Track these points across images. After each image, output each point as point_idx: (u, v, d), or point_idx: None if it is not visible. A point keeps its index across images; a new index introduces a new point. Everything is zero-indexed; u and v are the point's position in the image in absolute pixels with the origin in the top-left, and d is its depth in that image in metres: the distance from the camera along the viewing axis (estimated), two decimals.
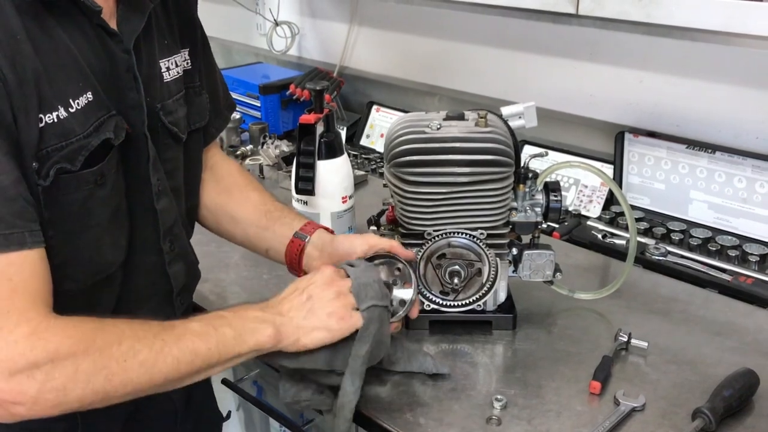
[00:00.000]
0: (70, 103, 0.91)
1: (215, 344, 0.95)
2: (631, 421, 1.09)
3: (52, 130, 0.89)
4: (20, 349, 0.82)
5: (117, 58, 0.99)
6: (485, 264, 1.25)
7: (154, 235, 1.09)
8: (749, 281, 1.43)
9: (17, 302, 0.84)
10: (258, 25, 2.59)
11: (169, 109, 1.10)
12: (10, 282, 0.84)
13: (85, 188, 0.94)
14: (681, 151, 1.65)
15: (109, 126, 0.95)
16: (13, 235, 0.84)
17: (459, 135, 1.23)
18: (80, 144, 0.92)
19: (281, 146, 2.08)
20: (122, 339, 0.89)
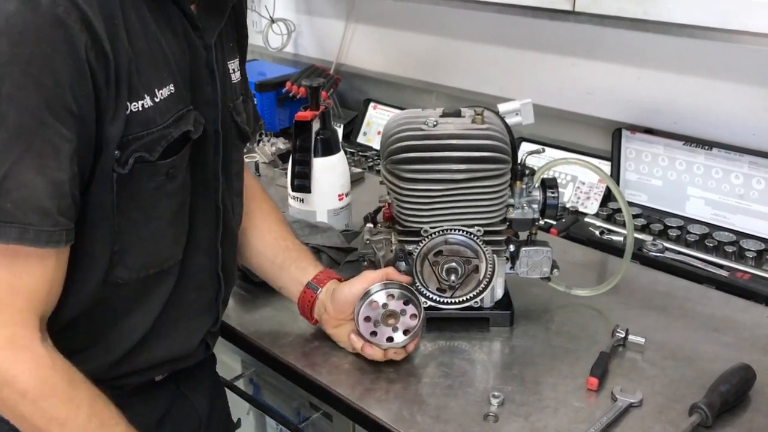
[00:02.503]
0: (155, 92, 0.90)
1: None
2: (628, 416, 1.09)
3: (137, 119, 0.89)
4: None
5: (198, 53, 0.98)
6: (482, 261, 1.24)
7: (213, 235, 1.08)
8: (746, 277, 1.43)
9: (17, 303, 0.84)
10: (254, 22, 2.58)
11: (238, 109, 1.11)
12: (21, 280, 0.84)
13: (157, 179, 0.94)
14: (678, 148, 1.64)
15: (188, 119, 0.96)
16: (55, 233, 0.83)
17: (455, 132, 1.23)
18: (161, 134, 0.92)
19: (277, 144, 2.07)
20: (67, 419, 0.86)
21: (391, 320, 1.17)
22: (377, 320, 1.17)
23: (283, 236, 1.28)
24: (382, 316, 1.17)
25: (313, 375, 1.20)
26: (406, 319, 1.16)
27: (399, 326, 1.16)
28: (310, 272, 1.24)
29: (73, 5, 0.80)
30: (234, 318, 1.36)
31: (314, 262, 1.27)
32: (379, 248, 1.31)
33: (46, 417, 0.85)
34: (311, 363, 1.22)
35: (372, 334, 1.16)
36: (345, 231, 1.57)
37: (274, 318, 1.34)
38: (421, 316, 1.16)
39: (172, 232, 1.00)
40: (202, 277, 1.09)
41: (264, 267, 1.28)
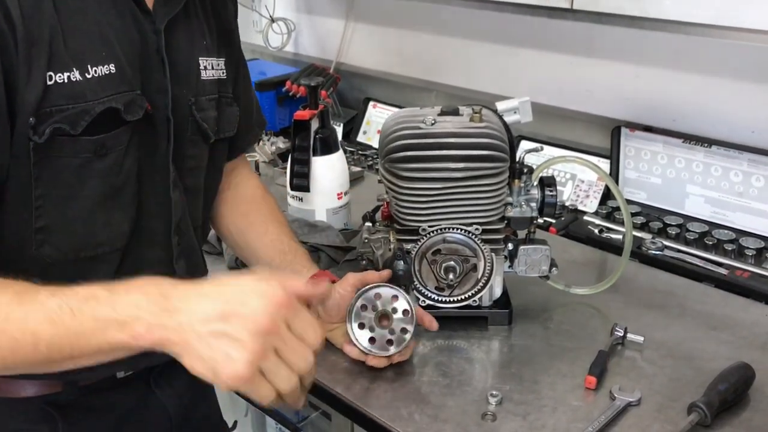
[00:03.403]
0: (87, 68, 0.89)
1: (65, 331, 0.78)
2: (626, 415, 1.09)
3: (61, 90, 0.87)
4: None
5: (147, 38, 0.98)
6: (480, 259, 1.24)
7: (165, 227, 1.06)
8: (746, 275, 1.43)
9: None
10: (254, 21, 2.58)
11: (202, 105, 1.09)
12: None
13: (82, 156, 0.91)
14: (677, 146, 1.64)
15: (120, 99, 0.93)
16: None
17: (453, 130, 1.23)
18: (83, 108, 0.90)
19: (277, 143, 2.08)
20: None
21: (385, 322, 1.16)
22: (372, 325, 1.16)
23: (280, 238, 1.27)
24: (374, 319, 1.16)
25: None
26: (399, 316, 1.16)
27: (394, 326, 1.16)
28: (303, 276, 1.23)
29: None
30: None
31: (308, 264, 1.26)
32: (377, 247, 1.31)
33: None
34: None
35: (371, 340, 1.16)
36: (344, 230, 1.57)
37: None
38: (411, 308, 1.15)
39: (104, 215, 0.96)
40: (156, 270, 1.01)
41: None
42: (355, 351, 1.16)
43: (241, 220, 1.27)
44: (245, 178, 1.32)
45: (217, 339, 0.77)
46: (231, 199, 1.28)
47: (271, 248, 1.26)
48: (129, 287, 0.80)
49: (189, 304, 0.79)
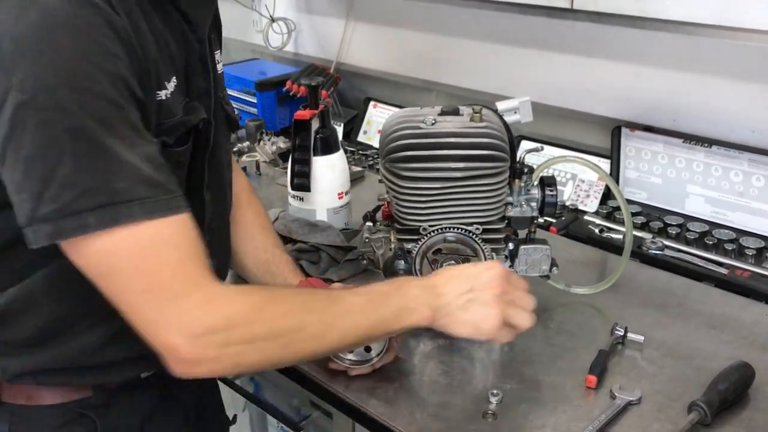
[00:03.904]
0: (166, 85, 0.93)
1: (377, 320, 0.99)
2: (627, 414, 1.09)
3: (163, 107, 0.91)
4: (197, 314, 0.86)
5: (192, 47, 1.00)
6: (481, 259, 1.24)
7: (199, 227, 1.08)
8: (746, 275, 1.43)
9: (188, 269, 0.86)
10: (254, 21, 2.58)
11: (227, 99, 1.14)
12: (178, 249, 0.86)
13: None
14: (677, 146, 1.64)
15: (197, 110, 0.98)
16: (173, 199, 0.85)
17: (453, 130, 1.23)
18: (180, 121, 0.94)
19: (278, 143, 2.08)
20: (293, 311, 0.94)
21: None
22: None
23: (263, 246, 1.28)
24: None
25: (313, 373, 1.20)
26: None
27: None
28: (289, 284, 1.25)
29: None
30: None
31: (290, 276, 1.27)
32: (378, 247, 1.31)
33: (278, 325, 0.92)
34: (311, 361, 1.22)
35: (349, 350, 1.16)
36: (344, 229, 1.57)
37: None
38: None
39: None
40: None
41: (247, 276, 1.30)
42: (337, 365, 1.17)
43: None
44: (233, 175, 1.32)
45: (472, 305, 1.02)
46: None
47: (255, 258, 1.28)
48: (402, 284, 1.04)
49: (447, 288, 1.03)
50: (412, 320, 1.01)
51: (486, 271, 1.05)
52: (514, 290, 1.05)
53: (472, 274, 1.05)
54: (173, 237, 0.85)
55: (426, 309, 1.01)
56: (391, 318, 1.00)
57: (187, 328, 0.85)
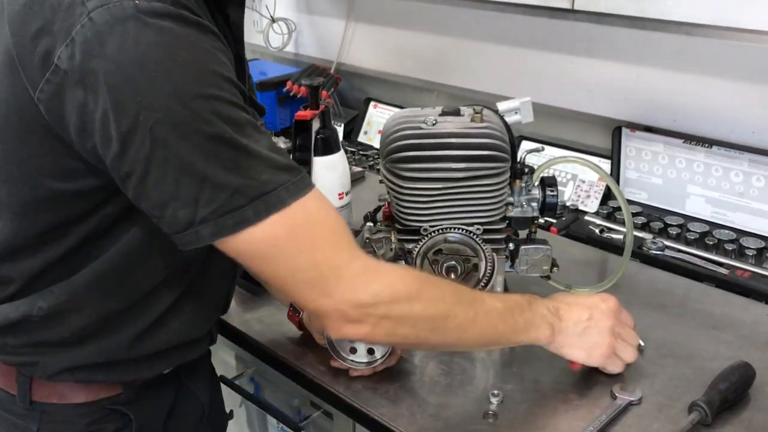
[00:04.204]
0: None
1: (509, 328, 1.04)
2: (628, 415, 1.09)
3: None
4: (362, 283, 0.92)
5: (232, 47, 1.02)
6: (482, 259, 1.25)
7: None
8: (746, 275, 1.43)
9: (341, 240, 0.91)
10: (254, 21, 2.58)
11: (253, 89, 1.17)
12: (326, 222, 0.91)
13: None
14: (678, 146, 1.65)
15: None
16: (305, 177, 0.89)
17: (454, 130, 1.23)
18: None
19: (278, 143, 2.07)
20: (446, 297, 0.99)
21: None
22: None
23: None
24: None
25: (314, 373, 1.20)
26: None
27: None
28: None
29: (198, 16, 0.85)
30: (235, 317, 1.36)
31: None
32: (378, 247, 1.31)
33: (432, 307, 0.97)
34: (312, 361, 1.22)
35: (351, 350, 1.16)
36: None
37: (275, 316, 1.35)
38: None
39: None
40: (222, 275, 1.12)
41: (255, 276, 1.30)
42: (340, 363, 1.17)
43: None
44: None
45: (587, 334, 1.11)
46: None
47: None
48: (532, 300, 1.08)
49: (568, 313, 1.10)
50: (535, 336, 1.07)
51: (603, 303, 1.12)
52: (624, 325, 1.14)
53: (591, 304, 1.12)
54: (320, 211, 0.90)
55: (548, 329, 1.08)
56: (520, 329, 1.05)
57: (353, 295, 0.91)
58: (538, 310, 1.08)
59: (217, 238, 0.86)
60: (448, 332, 0.99)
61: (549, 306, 1.10)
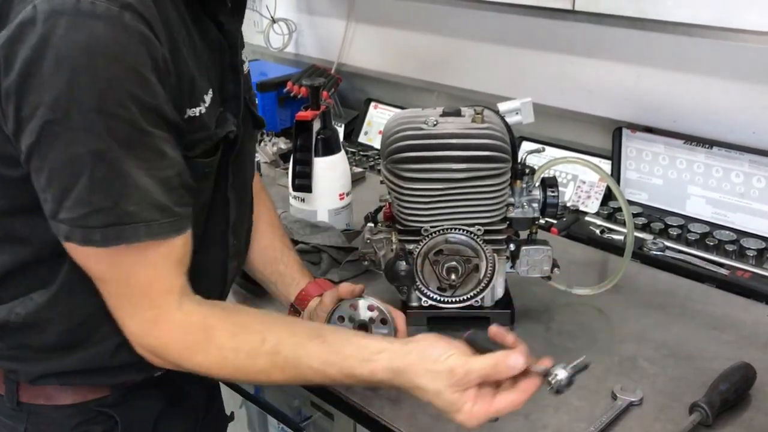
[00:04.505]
0: (204, 98, 0.95)
1: (324, 381, 0.97)
2: (628, 415, 1.09)
3: (190, 123, 0.93)
4: (144, 330, 0.94)
5: (224, 54, 1.02)
6: (482, 260, 1.25)
7: (223, 228, 1.10)
8: (747, 276, 1.43)
9: (153, 289, 0.93)
10: (255, 22, 2.58)
11: (252, 99, 1.16)
12: (155, 269, 0.92)
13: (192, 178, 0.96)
14: (678, 147, 1.65)
15: (228, 120, 1.00)
16: (175, 222, 0.90)
17: (455, 131, 1.23)
18: (206, 134, 0.96)
19: (278, 143, 2.08)
20: (225, 365, 0.96)
21: (363, 332, 1.16)
22: None
23: (272, 245, 1.28)
24: (353, 329, 1.16)
25: None
26: (377, 325, 1.16)
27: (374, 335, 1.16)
28: (293, 290, 1.24)
29: (147, 24, 0.84)
30: None
31: (298, 276, 1.26)
32: (379, 247, 1.31)
33: (204, 369, 0.96)
34: None
35: None
36: (346, 230, 1.57)
37: None
38: (389, 316, 1.14)
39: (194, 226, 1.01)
40: (215, 270, 1.11)
41: (255, 276, 1.30)
42: None
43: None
44: None
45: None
46: None
47: (264, 256, 1.28)
48: (372, 360, 0.95)
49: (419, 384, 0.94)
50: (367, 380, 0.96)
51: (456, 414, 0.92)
52: (481, 398, 0.93)
53: (448, 401, 0.92)
54: (159, 258, 0.91)
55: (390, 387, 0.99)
56: (347, 382, 1.00)
57: (136, 336, 0.95)
58: (376, 376, 0.94)
59: (66, 241, 0.88)
60: (247, 377, 0.98)
61: (396, 371, 0.93)
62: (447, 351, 0.92)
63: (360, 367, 0.94)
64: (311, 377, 0.96)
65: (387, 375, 0.93)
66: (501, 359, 0.91)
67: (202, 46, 0.97)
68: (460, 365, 0.91)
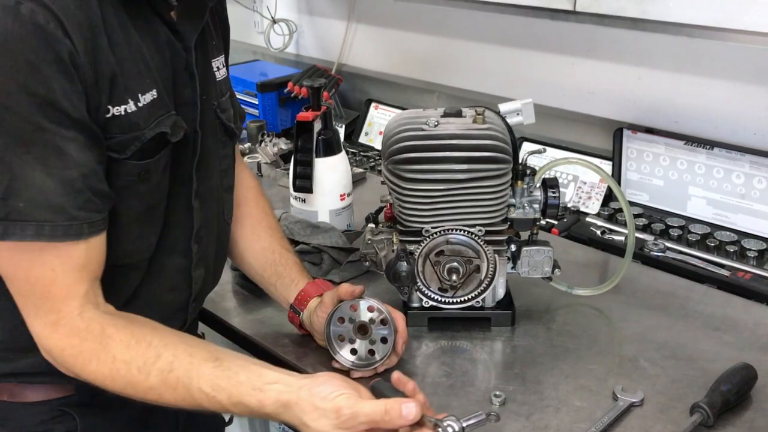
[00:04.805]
0: (138, 97, 0.93)
1: (214, 407, 0.94)
2: (629, 416, 1.09)
3: (117, 122, 0.91)
4: (45, 333, 0.92)
5: (179, 57, 1.00)
6: (483, 260, 1.25)
7: (186, 234, 1.08)
8: (747, 276, 1.43)
9: (53, 292, 0.91)
10: (255, 22, 2.59)
11: (223, 106, 1.13)
12: (53, 272, 0.90)
13: (126, 179, 0.95)
14: (679, 147, 1.65)
15: (166, 123, 0.97)
16: (71, 226, 0.88)
17: (456, 132, 1.23)
18: (135, 135, 0.94)
19: (279, 144, 2.08)
20: (117, 377, 0.93)
21: (364, 332, 1.16)
22: (351, 337, 1.16)
23: (271, 247, 1.27)
24: (353, 331, 1.16)
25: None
26: (378, 326, 1.16)
27: (374, 336, 1.16)
28: (292, 291, 1.24)
29: (51, 14, 0.82)
30: (235, 318, 1.36)
31: (297, 277, 1.25)
32: (380, 248, 1.31)
33: (98, 379, 0.94)
34: (313, 363, 1.22)
35: (352, 352, 1.17)
36: (347, 231, 1.57)
37: (275, 318, 1.35)
38: (389, 316, 1.15)
39: (138, 230, 1.00)
40: (178, 278, 1.10)
41: (255, 278, 1.30)
42: (341, 365, 1.17)
43: (234, 228, 1.27)
44: (240, 176, 1.31)
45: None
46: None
47: (262, 259, 1.27)
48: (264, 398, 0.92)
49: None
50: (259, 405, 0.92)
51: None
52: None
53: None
54: (57, 260, 0.90)
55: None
56: (236, 412, 0.95)
57: (38, 338, 0.93)
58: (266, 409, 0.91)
59: None
60: (139, 394, 0.93)
61: (285, 404, 0.91)
62: (339, 390, 0.89)
63: (249, 396, 0.90)
64: (201, 401, 0.92)
65: (275, 408, 0.90)
66: (393, 406, 0.88)
67: (146, 43, 0.95)
68: (347, 406, 0.88)
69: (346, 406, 0.88)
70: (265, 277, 1.27)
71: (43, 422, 1.04)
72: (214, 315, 1.37)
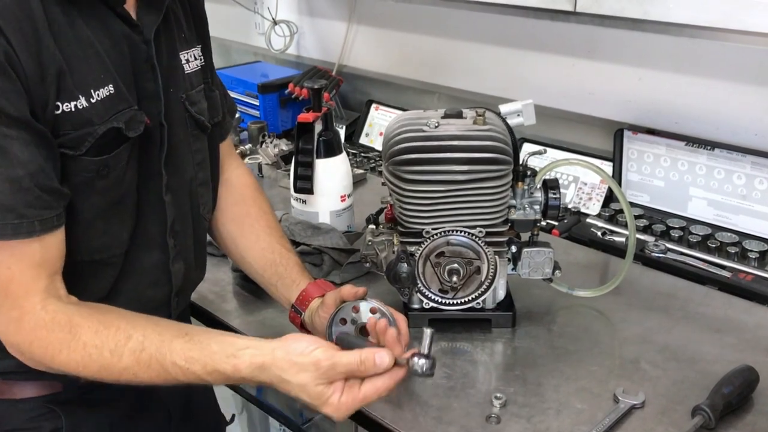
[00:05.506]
0: (91, 93, 0.93)
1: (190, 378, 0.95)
2: (630, 418, 1.09)
3: (68, 118, 0.91)
4: (9, 329, 0.94)
5: (137, 50, 1.00)
6: (484, 262, 1.24)
7: (160, 229, 1.08)
8: (749, 278, 1.43)
9: (12, 290, 0.91)
10: (256, 24, 2.59)
11: (193, 99, 1.12)
12: (9, 270, 0.91)
13: (84, 175, 0.95)
14: (680, 148, 1.64)
15: (122, 117, 0.96)
16: (21, 224, 0.89)
17: (457, 133, 1.23)
18: (87, 131, 0.93)
19: (280, 145, 2.08)
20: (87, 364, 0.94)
21: (366, 333, 1.16)
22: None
23: (271, 247, 1.27)
24: (355, 332, 1.16)
25: None
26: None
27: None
28: (293, 292, 1.23)
29: None
30: (236, 319, 1.36)
31: (298, 278, 1.25)
32: (381, 249, 1.31)
33: (71, 367, 0.94)
34: None
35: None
36: (347, 232, 1.57)
37: (276, 319, 1.34)
38: (390, 318, 1.14)
39: (103, 225, 1.00)
40: (157, 273, 1.10)
41: (256, 278, 1.29)
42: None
43: (233, 227, 1.27)
44: (236, 173, 1.32)
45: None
46: (222, 200, 1.28)
47: (263, 259, 1.26)
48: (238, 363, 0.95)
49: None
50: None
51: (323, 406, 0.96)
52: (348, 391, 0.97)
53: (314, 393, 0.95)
54: (12, 259, 0.90)
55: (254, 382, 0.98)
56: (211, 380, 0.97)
57: (3, 334, 0.95)
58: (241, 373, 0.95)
59: None
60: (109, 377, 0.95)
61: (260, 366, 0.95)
62: (313, 345, 0.94)
63: (224, 363, 0.94)
64: (176, 375, 0.94)
65: (251, 371, 0.94)
66: (368, 356, 0.93)
67: (100, 38, 0.94)
68: (326, 358, 0.93)
69: (324, 358, 0.93)
70: (266, 278, 1.26)
71: (30, 419, 1.05)
72: (214, 316, 1.37)
